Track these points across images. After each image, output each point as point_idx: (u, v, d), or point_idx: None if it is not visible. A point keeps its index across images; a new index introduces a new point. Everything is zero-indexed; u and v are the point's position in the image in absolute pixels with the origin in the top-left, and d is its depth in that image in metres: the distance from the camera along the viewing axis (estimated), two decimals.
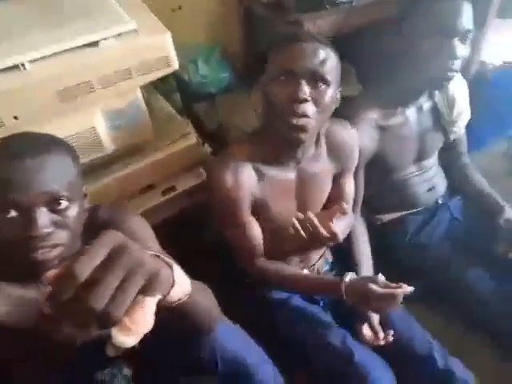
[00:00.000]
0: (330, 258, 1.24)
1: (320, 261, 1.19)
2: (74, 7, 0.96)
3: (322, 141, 1.00)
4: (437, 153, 1.35)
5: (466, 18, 1.00)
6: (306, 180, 1.00)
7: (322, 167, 1.01)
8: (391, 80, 1.18)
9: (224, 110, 1.36)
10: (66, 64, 0.83)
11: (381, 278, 0.90)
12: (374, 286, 0.87)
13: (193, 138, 1.12)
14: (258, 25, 1.30)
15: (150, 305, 0.41)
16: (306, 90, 0.82)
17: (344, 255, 1.21)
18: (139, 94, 0.94)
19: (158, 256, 0.47)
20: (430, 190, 1.34)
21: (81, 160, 0.94)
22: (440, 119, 1.26)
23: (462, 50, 1.01)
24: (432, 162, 1.34)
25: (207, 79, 1.37)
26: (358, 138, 1.08)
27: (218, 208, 0.98)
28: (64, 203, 0.65)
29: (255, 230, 1.00)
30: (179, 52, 0.99)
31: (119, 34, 0.87)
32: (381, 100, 1.17)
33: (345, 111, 1.11)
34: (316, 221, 0.82)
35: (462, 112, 1.26)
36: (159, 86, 1.36)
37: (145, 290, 0.40)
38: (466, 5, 1.00)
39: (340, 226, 0.92)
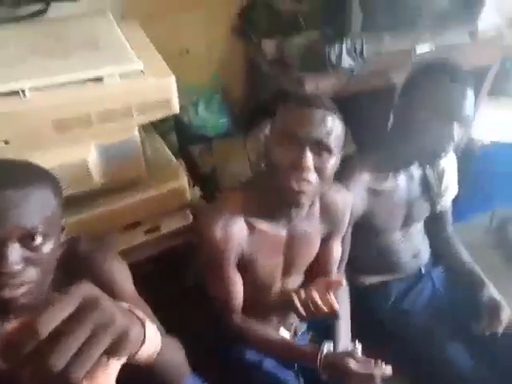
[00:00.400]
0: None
1: (298, 320, 1.16)
2: (83, 39, 0.97)
3: (317, 201, 1.00)
4: (423, 221, 1.37)
5: (469, 105, 1.02)
6: (296, 238, 0.99)
7: (312, 227, 1.01)
8: (384, 146, 1.20)
9: (219, 155, 1.36)
10: (67, 95, 0.83)
11: (358, 347, 0.88)
12: (351, 364, 0.84)
13: (183, 180, 1.11)
14: (260, 76, 1.34)
15: (114, 367, 0.39)
16: (309, 158, 0.81)
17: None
18: (136, 133, 0.93)
19: (131, 311, 0.45)
20: (414, 256, 1.35)
21: (67, 191, 0.92)
22: (428, 190, 1.28)
23: (459, 133, 1.03)
24: (418, 229, 1.35)
25: (206, 123, 1.39)
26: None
27: (204, 257, 0.96)
28: (39, 239, 0.61)
29: (238, 287, 0.98)
30: (181, 93, 1.01)
31: (125, 72, 0.88)
32: (373, 164, 1.18)
33: (339, 170, 1.14)
34: (318, 299, 0.82)
35: (450, 186, 1.29)
36: (157, 124, 1.37)
37: (111, 351, 0.37)
38: (469, 91, 1.01)
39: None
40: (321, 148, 0.81)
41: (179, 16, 1.31)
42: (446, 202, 1.31)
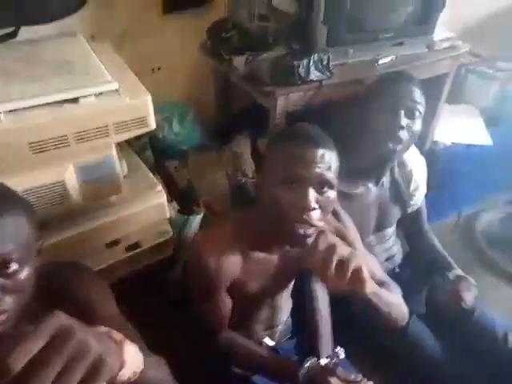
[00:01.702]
0: (290, 323, 1.23)
1: (282, 327, 1.18)
2: (56, 61, 0.98)
3: None
4: (395, 224, 1.42)
5: (415, 98, 1.12)
6: (287, 262, 1.00)
7: (300, 254, 0.99)
8: (351, 152, 1.25)
9: (194, 169, 1.38)
10: (43, 117, 0.83)
11: (340, 352, 0.88)
12: (333, 382, 0.85)
13: (162, 196, 1.12)
14: (232, 91, 1.37)
15: None
16: (314, 198, 0.81)
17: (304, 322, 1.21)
18: (114, 151, 0.95)
19: (109, 335, 0.45)
20: (388, 259, 1.40)
21: (45, 212, 0.92)
22: (398, 191, 1.34)
23: (406, 121, 1.11)
24: (391, 232, 1.40)
25: (180, 138, 1.41)
26: None
27: (196, 282, 0.96)
28: (14, 267, 0.59)
29: (227, 308, 0.99)
30: (155, 109, 1.02)
31: (100, 93, 0.89)
32: (344, 170, 1.23)
33: None
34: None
35: (419, 186, 1.35)
36: (132, 142, 1.38)
37: (87, 380, 0.37)
38: (414, 87, 1.13)
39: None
40: (323, 185, 0.82)
41: (150, 35, 1.34)
42: (417, 201, 1.37)
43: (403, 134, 1.12)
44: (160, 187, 1.13)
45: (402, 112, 1.11)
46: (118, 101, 0.90)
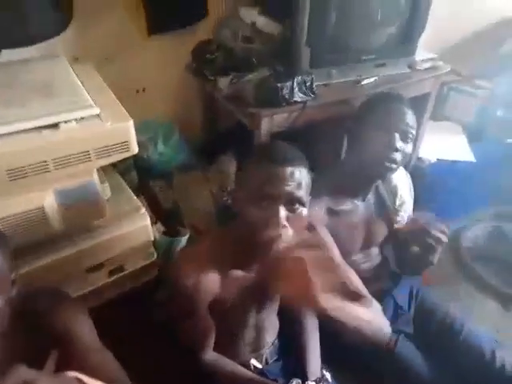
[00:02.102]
0: (277, 344, 1.22)
1: (269, 349, 1.17)
2: (37, 84, 0.97)
3: None
4: (381, 241, 1.43)
5: (408, 120, 1.13)
6: (264, 279, 0.96)
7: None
8: (340, 169, 1.26)
9: (179, 189, 1.37)
10: (22, 143, 0.82)
11: (327, 375, 0.87)
12: None
13: (146, 219, 1.11)
14: (217, 112, 1.38)
15: None
16: (284, 216, 0.82)
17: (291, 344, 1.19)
18: (95, 176, 0.93)
19: (79, 380, 0.45)
20: (375, 278, 1.39)
21: (24, 238, 0.90)
22: (384, 208, 1.35)
23: (401, 144, 1.12)
24: (377, 250, 1.40)
25: (165, 157, 1.40)
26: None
27: (176, 303, 0.96)
28: None
29: (208, 325, 0.98)
30: (139, 130, 1.02)
31: (81, 118, 0.88)
32: (331, 186, 1.23)
33: None
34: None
35: (405, 202, 1.35)
36: (116, 163, 1.37)
37: None
38: (407, 109, 1.14)
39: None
40: (294, 202, 0.82)
41: (134, 56, 1.34)
42: (403, 218, 1.36)
43: (398, 156, 1.13)
44: (144, 210, 1.12)
45: (397, 135, 1.12)
46: (100, 126, 0.89)
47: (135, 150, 0.96)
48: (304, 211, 0.85)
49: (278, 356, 1.19)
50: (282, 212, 0.81)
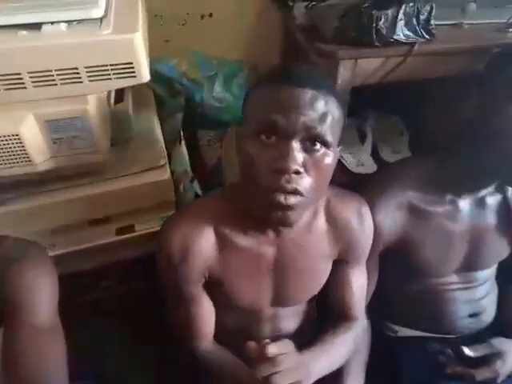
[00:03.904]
0: None
1: None
2: None
3: (320, 212, 0.76)
4: (495, 266, 1.00)
5: None
6: (288, 258, 0.75)
7: (314, 246, 0.75)
8: (449, 154, 0.87)
9: (230, 146, 1.10)
10: None
11: None
12: None
13: (165, 174, 0.87)
14: (295, 51, 1.04)
15: None
16: (298, 157, 0.58)
17: None
18: (90, 106, 0.71)
19: None
20: (473, 315, 0.98)
21: (3, 171, 0.74)
22: (509, 223, 0.92)
23: None
24: (485, 276, 0.98)
25: (222, 104, 1.13)
26: (377, 216, 0.83)
27: (161, 272, 0.76)
28: None
29: (203, 309, 0.79)
30: (197, 64, 0.78)
31: (75, 21, 0.65)
32: (425, 176, 0.87)
33: (375, 180, 0.90)
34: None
35: None
36: (166, 101, 1.15)
37: None
38: None
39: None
40: (314, 140, 0.59)
41: None
42: None
43: None
44: (164, 161, 0.88)
45: None
46: (94, 34, 0.64)
47: (144, 77, 0.70)
48: (328, 154, 0.60)
49: None
50: (296, 151, 0.57)
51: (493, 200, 0.90)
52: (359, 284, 0.85)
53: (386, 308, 1.01)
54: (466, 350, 0.91)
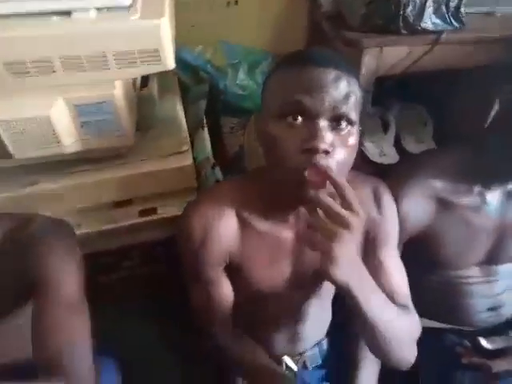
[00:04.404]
0: (325, 346, 0.94)
1: (311, 351, 0.92)
2: None
3: None
4: None
5: None
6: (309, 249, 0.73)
7: None
8: (476, 146, 0.86)
9: (252, 133, 1.11)
10: (21, 32, 0.64)
11: None
12: None
13: (188, 159, 0.89)
14: (321, 39, 1.03)
15: None
16: (327, 136, 0.58)
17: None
18: (117, 91, 0.73)
19: None
20: (492, 309, 0.97)
21: (32, 153, 0.77)
22: None
23: None
24: (506, 271, 0.96)
25: (245, 91, 1.13)
26: (402, 206, 0.82)
27: (182, 256, 0.77)
28: None
29: (223, 292, 0.79)
30: (222, 51, 0.78)
31: (104, 8, 0.67)
32: (452, 167, 0.86)
33: (401, 170, 0.90)
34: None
35: None
36: (190, 87, 1.16)
37: None
38: None
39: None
40: (339, 119, 0.59)
41: None
42: None
43: None
44: (187, 147, 0.89)
45: None
46: (122, 21, 0.66)
47: (170, 64, 0.71)
48: (353, 133, 0.61)
49: (323, 362, 0.93)
50: (325, 131, 0.58)
51: None
52: (395, 269, 0.78)
53: None
54: (483, 342, 0.90)
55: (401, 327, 0.67)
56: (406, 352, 0.70)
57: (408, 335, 0.70)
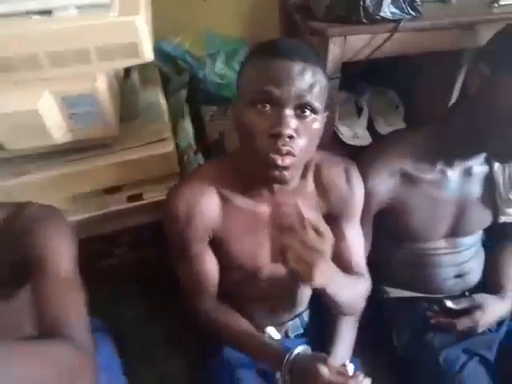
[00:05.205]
0: (306, 318, 1.01)
1: (293, 321, 0.98)
2: None
3: (310, 173, 0.83)
4: (480, 233, 1.07)
5: None
6: (283, 215, 0.81)
7: (304, 202, 0.81)
8: (439, 125, 0.92)
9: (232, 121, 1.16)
10: (8, 30, 0.69)
11: (349, 366, 0.72)
12: (323, 370, 0.69)
13: (170, 146, 0.95)
14: (293, 29, 1.08)
15: None
16: (291, 122, 0.66)
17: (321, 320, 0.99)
18: (99, 83, 0.78)
19: None
20: (458, 276, 1.05)
21: (22, 144, 0.82)
22: (493, 193, 0.97)
23: None
24: (470, 242, 1.05)
25: (224, 80, 1.18)
26: (369, 180, 0.89)
27: (168, 233, 0.83)
28: None
29: (208, 266, 0.85)
30: (200, 42, 0.83)
31: (85, 5, 0.72)
32: (417, 144, 0.92)
33: (370, 149, 0.97)
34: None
35: None
36: (171, 78, 1.21)
37: None
38: None
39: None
40: (304, 107, 0.66)
41: None
42: None
43: None
44: (168, 134, 0.95)
45: None
46: (102, 17, 0.71)
47: (147, 56, 0.77)
48: (317, 119, 0.68)
49: (304, 331, 1.01)
50: (289, 117, 0.65)
51: (479, 171, 0.94)
52: (355, 240, 0.89)
53: (379, 271, 1.07)
54: (449, 303, 0.98)
55: (355, 293, 0.84)
56: (358, 307, 0.88)
57: (360, 296, 0.87)
